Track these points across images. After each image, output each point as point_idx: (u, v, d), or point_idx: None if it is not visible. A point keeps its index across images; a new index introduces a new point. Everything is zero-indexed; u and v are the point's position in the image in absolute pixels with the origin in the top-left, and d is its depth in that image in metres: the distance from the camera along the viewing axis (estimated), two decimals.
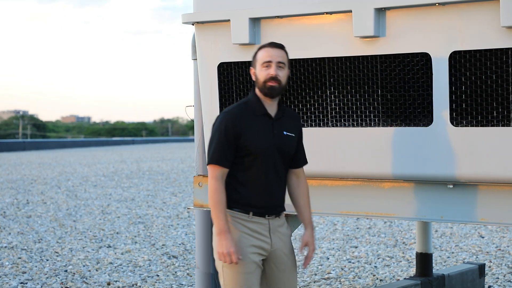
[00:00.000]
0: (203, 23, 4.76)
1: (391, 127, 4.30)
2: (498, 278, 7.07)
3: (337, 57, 4.38)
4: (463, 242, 8.97)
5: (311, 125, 4.51)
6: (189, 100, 5.38)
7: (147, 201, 13.41)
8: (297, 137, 3.83)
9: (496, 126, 4.02)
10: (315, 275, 7.17)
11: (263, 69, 3.69)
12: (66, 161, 26.39)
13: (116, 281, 6.91)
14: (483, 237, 9.29)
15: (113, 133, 70.73)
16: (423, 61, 4.16)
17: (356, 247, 8.72)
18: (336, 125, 4.44)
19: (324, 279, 7.03)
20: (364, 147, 4.38)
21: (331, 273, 7.26)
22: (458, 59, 4.07)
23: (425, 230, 6.16)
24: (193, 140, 5.27)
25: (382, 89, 4.29)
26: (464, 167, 4.13)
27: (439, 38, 4.10)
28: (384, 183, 4.43)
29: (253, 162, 3.68)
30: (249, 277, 3.67)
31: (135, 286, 6.75)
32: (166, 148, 38.98)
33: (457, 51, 4.06)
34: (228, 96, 4.76)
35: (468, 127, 4.09)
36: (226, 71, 4.75)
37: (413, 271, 7.23)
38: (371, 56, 4.29)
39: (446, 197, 4.27)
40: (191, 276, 7.11)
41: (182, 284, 6.80)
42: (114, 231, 9.95)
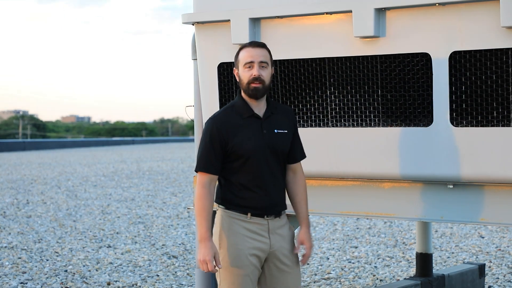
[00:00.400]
0: (203, 23, 4.76)
1: (391, 127, 4.30)
2: (498, 278, 7.07)
3: (337, 57, 4.38)
4: (463, 242, 8.97)
5: (311, 125, 4.51)
6: (189, 100, 5.38)
7: (147, 201, 13.41)
8: (291, 132, 3.76)
9: (496, 126, 4.02)
10: (315, 275, 7.17)
11: (245, 70, 3.64)
12: (66, 161, 26.39)
13: (116, 281, 6.91)
14: (483, 237, 9.29)
15: (113, 133, 70.72)
16: (423, 61, 4.16)
17: (356, 247, 8.72)
18: (336, 125, 4.44)
19: (324, 279, 7.03)
20: (364, 147, 4.38)
21: (331, 273, 7.26)
22: (458, 59, 4.07)
23: (425, 230, 6.16)
24: (193, 140, 5.27)
25: (382, 89, 4.29)
26: (464, 167, 4.13)
27: (439, 38, 4.10)
28: (384, 183, 4.43)
29: (245, 164, 3.65)
30: (244, 279, 3.65)
31: (135, 286, 6.75)
32: (166, 148, 38.98)
33: (457, 51, 4.06)
34: (228, 96, 4.76)
35: (468, 127, 4.09)
36: (226, 71, 4.75)
37: (413, 271, 7.23)
38: (371, 56, 4.29)
39: (446, 197, 4.27)
40: (191, 276, 7.11)
41: (182, 284, 6.80)
42: (114, 231, 9.95)
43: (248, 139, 3.64)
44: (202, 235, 3.60)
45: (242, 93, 3.70)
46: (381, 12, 4.22)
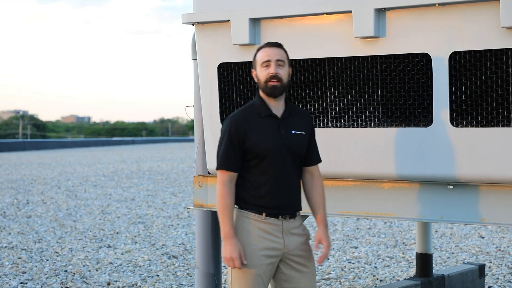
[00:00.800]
0: (203, 23, 4.76)
1: (391, 127, 4.30)
2: (498, 278, 7.07)
3: (337, 58, 4.38)
4: (463, 243, 8.97)
5: None
6: (189, 100, 5.39)
7: (147, 201, 13.42)
8: (308, 135, 3.81)
9: (496, 127, 4.02)
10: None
11: (263, 69, 3.70)
12: (66, 161, 26.40)
13: (116, 281, 6.91)
14: (483, 238, 9.29)
15: (113, 133, 70.74)
16: (423, 61, 4.16)
17: (356, 247, 8.72)
18: (336, 126, 4.44)
19: (324, 279, 7.03)
20: (364, 147, 4.38)
21: (331, 273, 7.26)
22: (458, 60, 4.07)
23: (425, 230, 6.16)
24: (193, 140, 5.27)
25: (382, 89, 4.30)
26: (464, 167, 4.13)
27: (439, 39, 4.10)
28: (384, 183, 4.43)
29: (262, 163, 3.69)
30: (257, 279, 3.68)
31: (135, 286, 6.75)
32: (166, 148, 38.98)
33: (457, 51, 4.06)
34: (228, 96, 4.76)
35: (468, 127, 4.09)
36: (226, 71, 4.75)
37: (413, 271, 7.23)
38: (371, 57, 4.29)
39: (446, 197, 4.26)
40: (191, 276, 7.11)
41: (182, 284, 6.80)
42: (114, 231, 9.95)
43: (265, 138, 3.68)
44: (226, 232, 3.65)
45: (261, 92, 3.75)
46: (381, 12, 4.22)
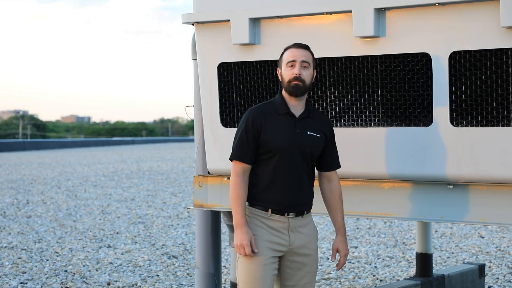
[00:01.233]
0: (203, 23, 4.76)
1: (391, 127, 4.30)
2: (498, 278, 7.07)
3: (337, 57, 4.38)
4: (463, 243, 8.97)
5: None
6: (189, 100, 5.39)
7: (147, 201, 13.41)
8: (323, 138, 3.85)
9: (496, 126, 4.02)
10: None
11: (287, 69, 3.77)
12: (66, 161, 26.39)
13: (116, 281, 6.91)
14: (483, 238, 9.29)
15: (113, 133, 70.75)
16: (423, 61, 4.16)
17: (356, 247, 8.72)
18: (336, 125, 4.44)
19: (324, 279, 7.03)
20: (364, 147, 4.38)
21: (331, 273, 7.26)
22: (458, 59, 4.07)
23: (425, 230, 6.16)
24: (193, 140, 5.27)
25: (382, 89, 4.29)
26: (464, 167, 4.13)
27: (439, 38, 4.09)
28: (384, 183, 4.43)
29: (274, 159, 3.73)
30: (263, 269, 3.71)
31: (135, 286, 6.75)
32: (166, 148, 38.98)
33: (457, 51, 4.06)
34: (228, 96, 4.76)
35: (468, 127, 4.09)
36: (226, 71, 4.75)
37: (413, 271, 7.23)
38: (371, 56, 4.29)
39: (446, 197, 4.26)
40: (191, 276, 7.11)
41: (182, 284, 6.80)
42: (114, 231, 9.95)
43: (279, 135, 3.73)
44: (238, 221, 3.71)
45: (283, 91, 3.82)
46: (381, 12, 4.22)
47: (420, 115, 4.21)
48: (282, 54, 3.84)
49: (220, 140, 4.77)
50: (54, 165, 23.91)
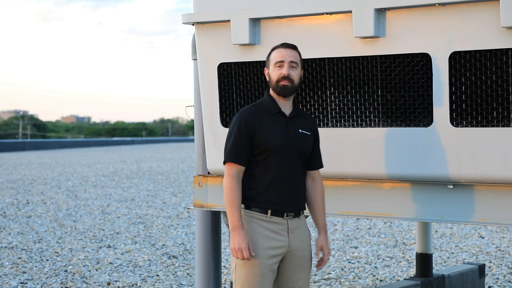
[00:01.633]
0: (203, 23, 4.76)
1: (391, 127, 4.30)
2: (498, 278, 7.07)
3: (337, 58, 4.38)
4: (463, 243, 8.97)
5: None
6: (189, 100, 5.39)
7: (147, 201, 13.42)
8: (313, 136, 3.86)
9: (496, 127, 4.02)
10: (315, 275, 7.17)
11: (276, 69, 3.76)
12: (66, 161, 26.39)
13: (116, 281, 6.91)
14: (483, 238, 9.29)
15: (113, 133, 70.77)
16: (423, 61, 4.16)
17: (356, 247, 8.72)
18: (336, 126, 4.44)
19: (324, 279, 7.03)
20: (364, 147, 4.38)
21: (331, 273, 7.26)
22: (458, 60, 4.07)
23: (425, 230, 6.16)
24: (193, 140, 5.27)
25: (382, 89, 4.29)
26: (464, 167, 4.13)
27: (439, 39, 4.10)
28: (384, 183, 4.43)
29: (269, 159, 3.72)
30: (261, 279, 3.69)
31: (135, 286, 6.75)
32: (166, 148, 38.98)
33: (457, 51, 4.06)
34: (228, 96, 4.76)
35: (468, 127, 4.09)
36: (226, 71, 4.75)
37: (413, 271, 7.23)
38: (371, 57, 4.29)
39: (446, 197, 4.26)
40: (191, 276, 7.11)
41: (182, 284, 6.80)
42: (114, 231, 9.95)
43: (273, 134, 3.73)
44: (235, 224, 3.66)
45: (271, 91, 3.81)
46: (381, 12, 4.22)
47: (420, 115, 4.21)
48: (270, 54, 3.82)
49: (220, 140, 4.77)
50: (54, 165, 23.91)
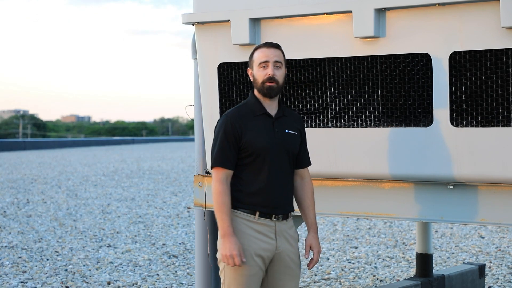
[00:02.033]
0: (203, 23, 4.76)
1: (391, 127, 4.30)
2: (498, 278, 7.07)
3: (337, 58, 4.38)
4: (463, 243, 8.97)
5: (311, 125, 4.52)
6: (189, 99, 5.39)
7: (147, 201, 13.42)
8: (299, 136, 3.82)
9: (496, 127, 4.02)
10: (315, 275, 7.17)
11: (260, 69, 3.70)
12: (67, 160, 26.40)
13: (116, 281, 6.91)
14: (483, 238, 9.29)
15: (113, 133, 70.80)
16: (423, 61, 4.17)
17: (356, 247, 8.72)
18: (336, 125, 4.44)
19: (324, 279, 7.03)
20: (364, 147, 4.38)
21: (331, 273, 7.26)
22: (458, 60, 4.07)
23: (425, 230, 6.16)
24: (193, 140, 5.28)
25: (382, 89, 4.30)
26: (464, 167, 4.13)
27: (439, 39, 4.10)
28: (384, 183, 4.43)
29: (256, 161, 3.68)
30: (249, 279, 3.66)
31: (135, 285, 6.75)
32: (166, 148, 38.99)
33: (457, 51, 4.06)
34: (228, 96, 4.76)
35: (468, 127, 4.09)
36: (226, 71, 4.75)
37: (413, 271, 7.23)
38: (371, 57, 4.29)
39: (446, 197, 4.27)
40: (191, 276, 7.11)
41: (182, 284, 6.80)
42: (114, 230, 9.95)
43: (260, 136, 3.68)
44: (225, 230, 3.63)
45: (255, 92, 3.76)
46: (381, 12, 4.22)
47: (420, 115, 4.21)
48: (253, 54, 3.76)
49: None
50: (54, 164, 23.91)
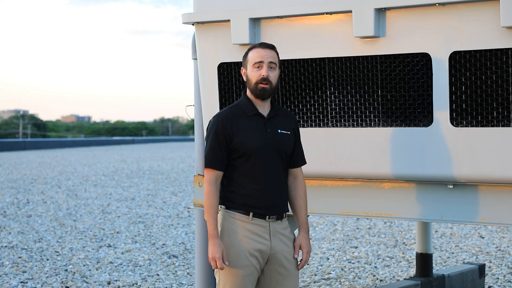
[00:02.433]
0: (203, 23, 4.76)
1: (391, 127, 4.30)
2: (498, 278, 7.07)
3: (337, 57, 4.38)
4: (463, 243, 8.98)
5: (311, 125, 4.52)
6: (189, 99, 5.39)
7: (147, 201, 13.42)
8: (293, 135, 3.79)
9: (496, 126, 4.02)
10: (315, 275, 7.17)
11: (254, 69, 3.68)
12: (67, 160, 26.40)
13: (116, 281, 6.91)
14: (483, 238, 9.29)
15: (113, 133, 70.80)
16: (423, 61, 4.17)
17: (356, 247, 8.72)
18: (336, 125, 4.44)
19: (324, 279, 7.03)
20: (364, 147, 4.38)
21: (331, 273, 7.26)
22: (458, 59, 4.07)
23: (425, 230, 6.16)
24: (193, 140, 5.28)
25: (382, 89, 4.30)
26: (464, 167, 4.13)
27: (439, 38, 4.10)
28: (384, 183, 4.43)
29: (248, 162, 3.66)
30: (244, 280, 3.65)
31: (135, 285, 6.75)
32: (166, 148, 38.99)
33: (457, 51, 4.06)
34: (228, 96, 4.76)
35: (468, 127, 4.09)
36: (226, 71, 4.75)
37: (413, 271, 7.23)
38: (371, 56, 4.29)
39: (446, 197, 4.27)
40: (191, 276, 7.11)
41: (182, 284, 6.80)
42: (114, 230, 9.95)
43: (252, 137, 3.66)
44: (210, 232, 3.64)
45: (248, 92, 3.73)
46: (381, 12, 4.22)
47: (420, 115, 4.21)
48: (247, 53, 3.74)
49: None
50: (54, 164, 23.91)
